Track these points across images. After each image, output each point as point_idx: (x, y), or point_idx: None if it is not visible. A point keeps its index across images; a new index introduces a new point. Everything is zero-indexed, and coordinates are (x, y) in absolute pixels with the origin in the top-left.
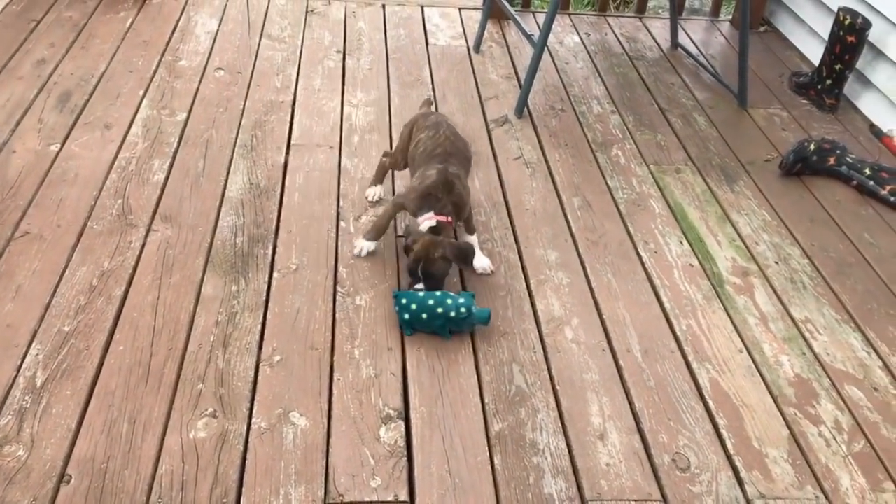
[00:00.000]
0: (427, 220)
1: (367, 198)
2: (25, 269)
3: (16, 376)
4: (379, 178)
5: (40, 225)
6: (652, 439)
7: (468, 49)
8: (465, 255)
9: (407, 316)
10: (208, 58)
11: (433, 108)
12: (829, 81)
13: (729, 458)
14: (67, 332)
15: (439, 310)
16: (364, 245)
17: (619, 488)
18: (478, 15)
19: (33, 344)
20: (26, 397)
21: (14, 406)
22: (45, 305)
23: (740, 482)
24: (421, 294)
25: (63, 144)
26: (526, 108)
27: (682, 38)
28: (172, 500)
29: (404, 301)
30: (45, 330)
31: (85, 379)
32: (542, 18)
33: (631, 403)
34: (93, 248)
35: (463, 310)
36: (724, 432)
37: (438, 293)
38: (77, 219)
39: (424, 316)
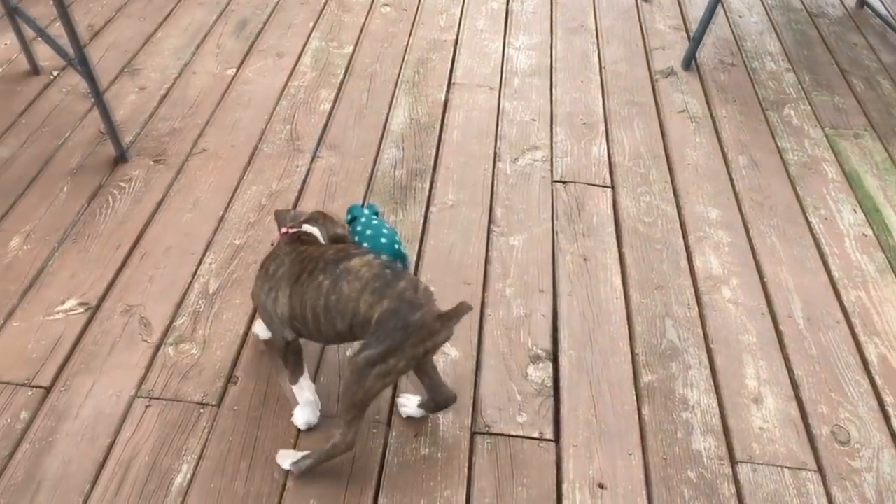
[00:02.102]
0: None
1: None
2: (203, 184)
3: (191, 281)
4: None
5: (216, 144)
6: (811, 409)
7: None
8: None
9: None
10: None
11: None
12: None
13: (894, 436)
14: (238, 246)
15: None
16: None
17: (772, 453)
18: None
19: (208, 253)
20: (200, 301)
21: (189, 308)
22: (219, 219)
23: None
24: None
25: (238, 69)
26: (694, 61)
27: None
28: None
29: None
30: (218, 241)
31: None
32: None
33: (790, 370)
34: (263, 169)
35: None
36: (890, 410)
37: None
38: (249, 140)
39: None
